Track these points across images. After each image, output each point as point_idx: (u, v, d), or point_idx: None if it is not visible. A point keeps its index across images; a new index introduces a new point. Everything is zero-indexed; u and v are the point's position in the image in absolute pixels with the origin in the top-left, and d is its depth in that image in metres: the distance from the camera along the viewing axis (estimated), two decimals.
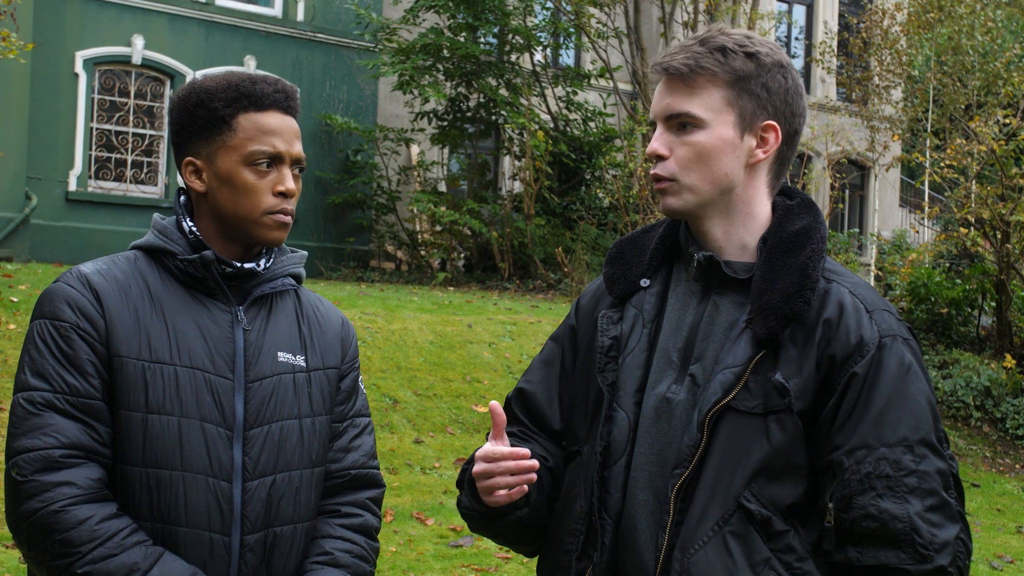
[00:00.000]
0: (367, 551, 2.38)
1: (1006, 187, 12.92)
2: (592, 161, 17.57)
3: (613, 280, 2.23)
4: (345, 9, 17.56)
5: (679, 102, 2.09)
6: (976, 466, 11.23)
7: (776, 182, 2.17)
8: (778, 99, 2.10)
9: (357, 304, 11.42)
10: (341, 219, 17.62)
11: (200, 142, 2.26)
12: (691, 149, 2.08)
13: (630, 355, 2.13)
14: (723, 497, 1.97)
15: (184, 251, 2.26)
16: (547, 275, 15.97)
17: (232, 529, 2.19)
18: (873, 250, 18.78)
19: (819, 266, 2.07)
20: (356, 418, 2.45)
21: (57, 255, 14.52)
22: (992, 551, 8.01)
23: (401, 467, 8.23)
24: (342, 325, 2.48)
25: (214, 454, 2.18)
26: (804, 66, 23.55)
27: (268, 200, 2.23)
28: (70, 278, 2.21)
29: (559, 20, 18.45)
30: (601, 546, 2.07)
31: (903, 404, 1.98)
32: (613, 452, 2.09)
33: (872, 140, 18.57)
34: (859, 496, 1.94)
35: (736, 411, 1.99)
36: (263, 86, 2.26)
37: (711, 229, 2.13)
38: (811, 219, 2.14)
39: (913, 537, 1.92)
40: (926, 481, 1.95)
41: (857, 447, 1.96)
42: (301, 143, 2.30)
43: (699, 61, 2.07)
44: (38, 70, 14.70)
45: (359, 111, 17.98)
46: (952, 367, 12.74)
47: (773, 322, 2.00)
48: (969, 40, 16.90)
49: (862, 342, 2.00)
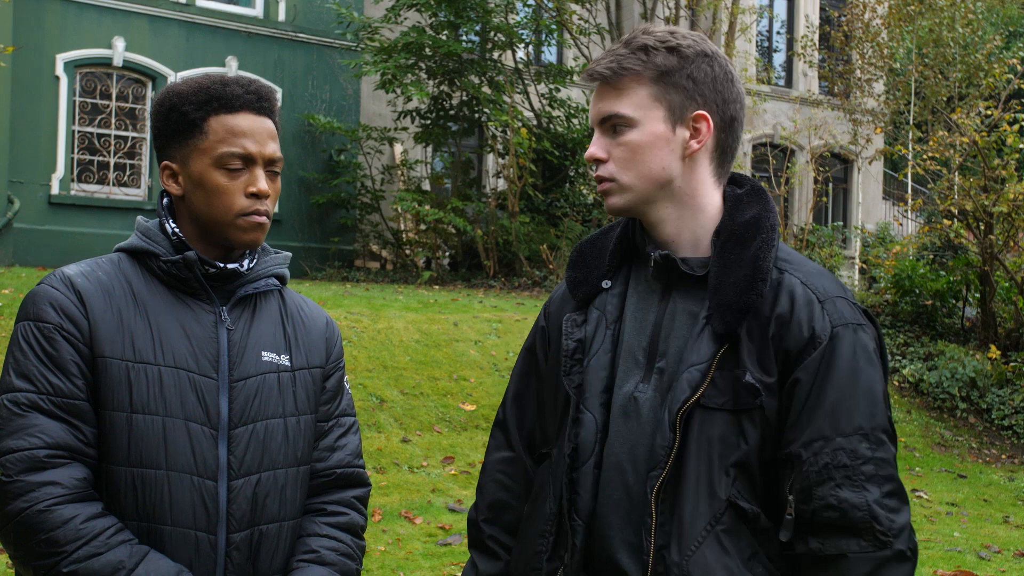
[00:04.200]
0: (353, 549, 2.40)
1: (988, 178, 12.96)
2: (576, 158, 17.56)
3: (576, 284, 2.25)
4: (327, 9, 17.52)
5: (609, 105, 2.12)
6: (963, 457, 11.26)
7: (721, 171, 2.18)
8: (706, 88, 2.11)
9: (343, 304, 11.41)
10: (325, 219, 17.59)
11: (175, 146, 2.28)
12: (625, 148, 2.11)
13: (594, 357, 2.15)
14: (708, 495, 1.99)
15: (167, 252, 2.27)
16: (532, 272, 15.98)
17: (218, 528, 2.20)
18: (857, 243, 18.82)
19: (770, 256, 2.08)
20: (341, 417, 2.46)
21: (40, 259, 14.46)
22: (979, 541, 8.04)
23: (389, 466, 8.22)
24: (327, 325, 2.50)
25: (199, 453, 2.19)
26: (786, 60, 23.60)
27: (241, 202, 2.24)
28: (54, 280, 2.22)
29: (541, 17, 18.44)
30: (572, 547, 2.09)
31: (856, 394, 2.00)
32: (581, 453, 2.11)
33: (855, 133, 18.61)
34: (818, 487, 1.97)
35: (705, 408, 2.01)
36: (234, 88, 2.27)
37: (661, 225, 2.15)
38: (760, 208, 2.15)
39: (873, 525, 1.94)
40: (882, 468, 1.98)
41: (814, 439, 1.98)
42: (277, 143, 2.30)
43: (622, 63, 2.10)
44: (18, 73, 14.64)
45: (342, 110, 17.95)
46: (937, 358, 12.78)
47: (730, 317, 2.02)
48: (950, 32, 16.95)
49: (814, 335, 2.01)
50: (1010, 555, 7.75)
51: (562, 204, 17.64)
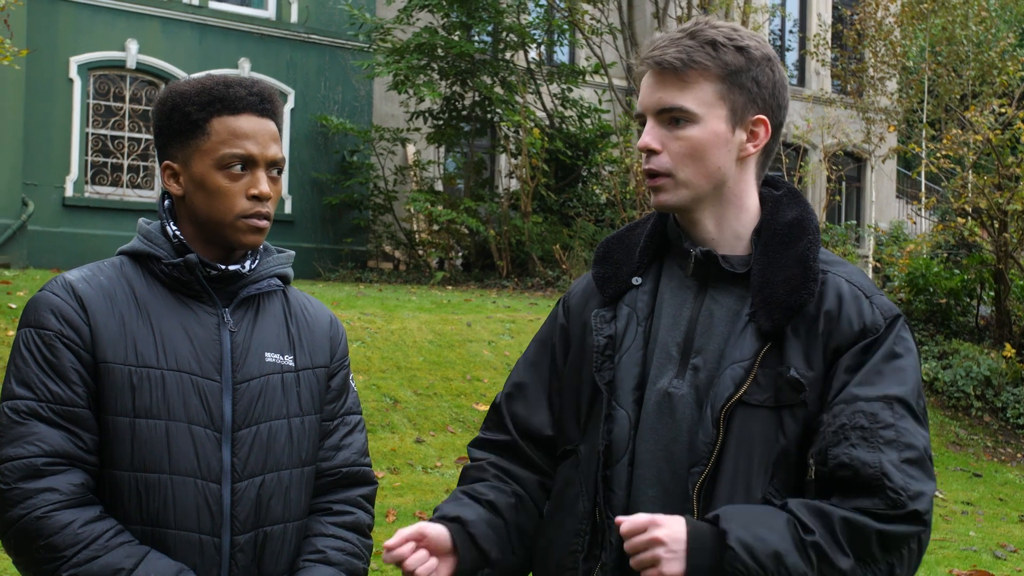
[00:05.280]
0: (360, 548, 2.39)
1: (1003, 176, 12.91)
2: (588, 158, 17.54)
3: (604, 280, 2.22)
4: (339, 10, 17.53)
5: (671, 96, 2.07)
6: (978, 456, 11.22)
7: (762, 173, 2.18)
8: (767, 93, 2.10)
9: (356, 305, 11.42)
10: (338, 220, 17.60)
11: (176, 146, 2.27)
12: (685, 144, 2.07)
13: (626, 353, 2.12)
14: (745, 492, 1.98)
15: (168, 255, 2.26)
16: (545, 272, 15.96)
17: (222, 530, 2.20)
18: (871, 241, 18.77)
19: (818, 256, 2.08)
20: (347, 416, 2.46)
21: (55, 261, 14.50)
22: (995, 540, 8.01)
23: (403, 467, 8.22)
24: (331, 324, 2.49)
25: (202, 456, 2.19)
26: (799, 59, 23.55)
27: (242, 204, 2.24)
28: (55, 286, 2.23)
29: (553, 17, 18.42)
30: (608, 545, 2.06)
31: (887, 369, 2.00)
32: (615, 451, 2.09)
33: (868, 132, 18.55)
34: (834, 447, 1.94)
35: (747, 405, 2.00)
36: (237, 89, 2.26)
37: (704, 222, 2.13)
38: (801, 209, 2.15)
39: (883, 481, 1.90)
40: (905, 436, 1.94)
41: (837, 403, 1.97)
42: (279, 145, 2.29)
43: (691, 55, 2.06)
44: (33, 76, 14.69)
45: (354, 111, 17.96)
46: (952, 357, 12.74)
47: (778, 315, 2.01)
48: (963, 30, 16.88)
49: (865, 327, 2.02)
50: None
51: (575, 204, 17.62)
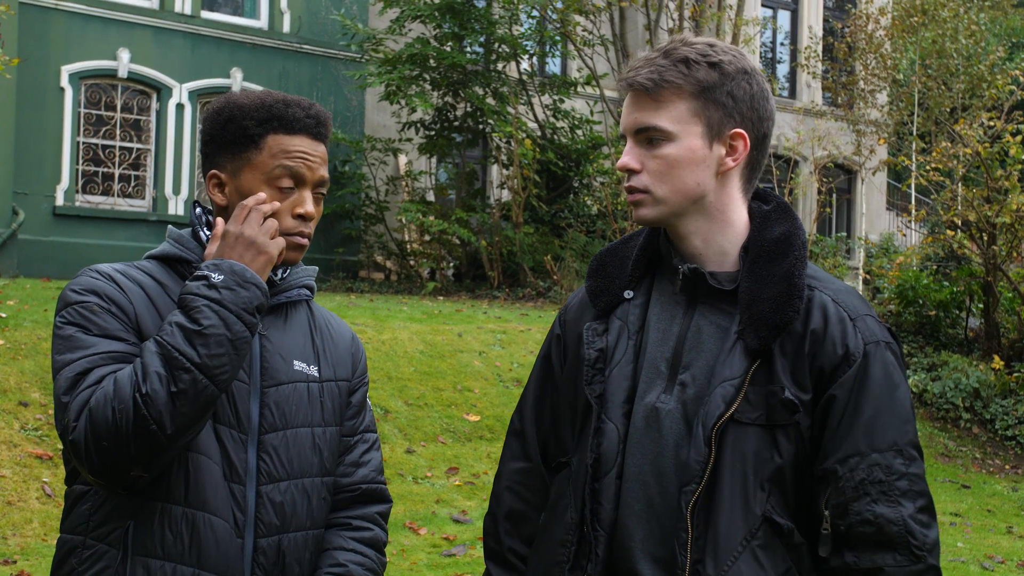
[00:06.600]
0: (377, 565, 2.40)
1: (991, 189, 12.97)
2: (580, 169, 17.56)
3: (597, 293, 2.24)
4: (331, 20, 17.56)
5: (646, 116, 2.10)
6: (966, 467, 11.26)
7: (749, 186, 2.18)
8: (744, 106, 2.11)
9: (347, 315, 11.42)
10: (330, 230, 17.59)
11: (227, 156, 2.28)
12: (661, 162, 2.09)
13: (616, 367, 2.14)
14: (743, 510, 2.00)
15: (200, 259, 2.26)
16: (536, 283, 15.98)
17: (246, 531, 2.20)
18: (861, 253, 18.83)
19: (804, 273, 2.09)
20: (366, 433, 2.48)
21: (45, 270, 14.48)
22: (983, 552, 8.04)
23: (393, 477, 8.23)
24: (352, 340, 2.51)
25: (227, 457, 2.19)
26: (790, 71, 23.61)
27: (287, 221, 2.25)
28: (91, 272, 2.21)
29: (545, 28, 18.45)
30: (595, 557, 2.08)
31: (890, 410, 2.02)
32: (604, 463, 2.10)
33: (858, 144, 18.63)
34: (854, 502, 1.98)
35: (738, 423, 2.01)
36: (296, 110, 2.28)
37: (690, 237, 2.15)
38: (789, 225, 2.16)
39: (908, 539, 1.97)
40: (916, 483, 2.00)
41: (850, 455, 2.00)
42: (327, 168, 2.31)
43: (663, 75, 2.08)
44: (24, 85, 14.68)
45: (346, 121, 17.98)
46: (941, 369, 12.78)
47: (765, 333, 2.02)
48: (953, 43, 16.98)
49: (848, 353, 2.03)
50: (1013, 565, 7.74)
51: (566, 215, 17.64)
